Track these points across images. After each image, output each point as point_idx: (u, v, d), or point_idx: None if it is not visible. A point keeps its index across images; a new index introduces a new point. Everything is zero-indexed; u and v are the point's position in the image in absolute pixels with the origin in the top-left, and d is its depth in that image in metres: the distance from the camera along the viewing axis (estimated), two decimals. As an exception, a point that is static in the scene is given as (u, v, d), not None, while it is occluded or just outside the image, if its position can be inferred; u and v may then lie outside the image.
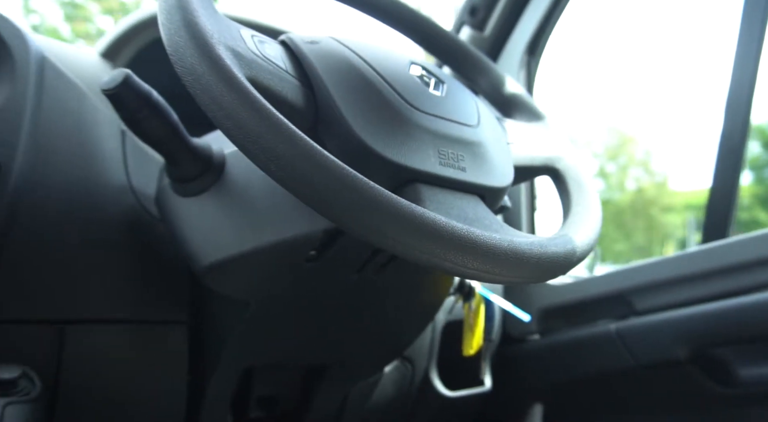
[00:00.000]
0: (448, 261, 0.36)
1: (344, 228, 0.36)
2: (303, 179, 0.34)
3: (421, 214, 0.35)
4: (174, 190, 0.52)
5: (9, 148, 0.47)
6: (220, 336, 0.58)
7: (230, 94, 0.35)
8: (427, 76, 0.50)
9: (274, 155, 0.34)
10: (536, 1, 0.96)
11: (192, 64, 0.37)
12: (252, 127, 0.35)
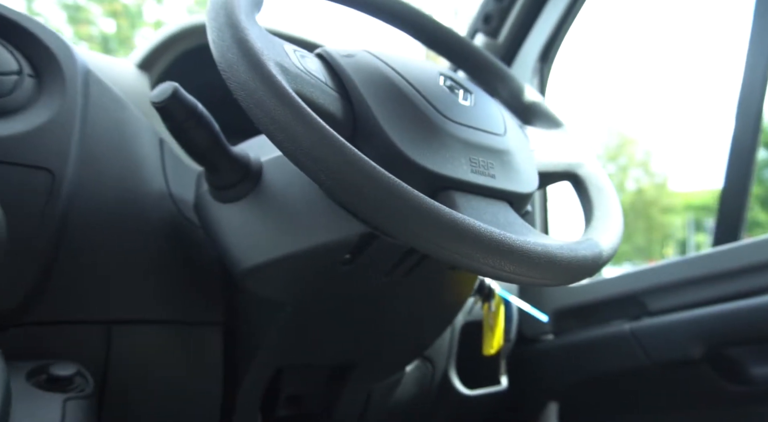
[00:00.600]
0: (486, 265, 0.38)
1: (390, 234, 0.38)
2: (352, 188, 0.36)
3: (462, 221, 0.37)
4: (213, 197, 0.54)
5: (62, 157, 0.50)
6: (254, 337, 0.60)
7: (282, 109, 0.38)
8: (455, 87, 0.53)
9: (324, 166, 0.37)
10: (549, 10, 0.98)
11: (245, 80, 0.39)
12: (303, 139, 0.37)
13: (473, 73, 0.68)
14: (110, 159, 0.55)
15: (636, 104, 18.99)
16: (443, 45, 0.67)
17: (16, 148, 0.48)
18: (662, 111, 17.93)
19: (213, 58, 0.73)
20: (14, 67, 0.51)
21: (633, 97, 19.11)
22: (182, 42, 0.68)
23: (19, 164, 0.48)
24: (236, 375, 0.62)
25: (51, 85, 0.52)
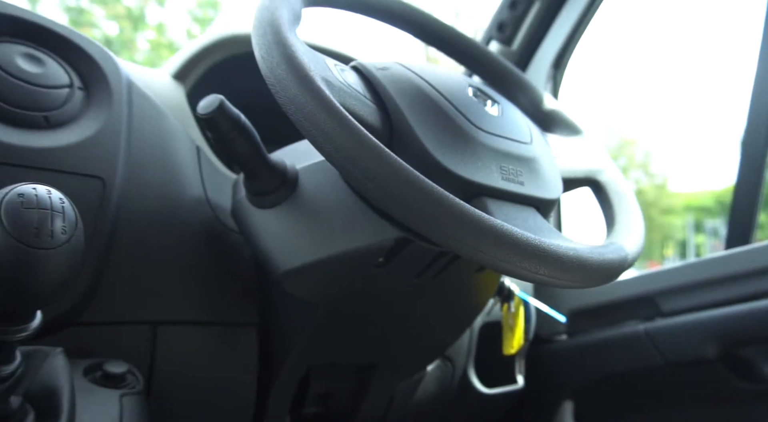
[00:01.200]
0: (523, 269, 0.41)
1: (432, 240, 0.41)
2: (398, 196, 0.39)
3: (501, 228, 0.39)
4: (251, 203, 0.57)
5: (111, 166, 0.52)
6: (288, 337, 0.62)
7: (331, 122, 0.40)
8: (483, 97, 0.55)
9: (371, 175, 0.39)
10: (562, 18, 1.01)
11: (295, 95, 0.41)
12: (351, 151, 0.40)
13: (494, 83, 0.70)
14: (153, 167, 0.57)
15: (635, 105, 19.00)
16: (466, 55, 0.69)
17: (69, 158, 0.50)
18: (662, 112, 17.95)
19: (244, 68, 0.76)
20: (66, 80, 0.53)
21: (632, 97, 19.13)
22: (215, 53, 0.71)
23: (73, 173, 0.50)
24: (269, 373, 0.65)
25: (99, 96, 0.55)
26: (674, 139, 17.55)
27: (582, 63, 5.71)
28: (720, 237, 21.11)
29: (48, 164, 0.49)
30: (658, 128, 17.84)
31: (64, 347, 0.45)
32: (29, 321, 0.35)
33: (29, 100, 0.50)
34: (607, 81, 19.03)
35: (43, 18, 0.54)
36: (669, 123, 17.19)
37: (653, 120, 18.17)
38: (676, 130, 10.60)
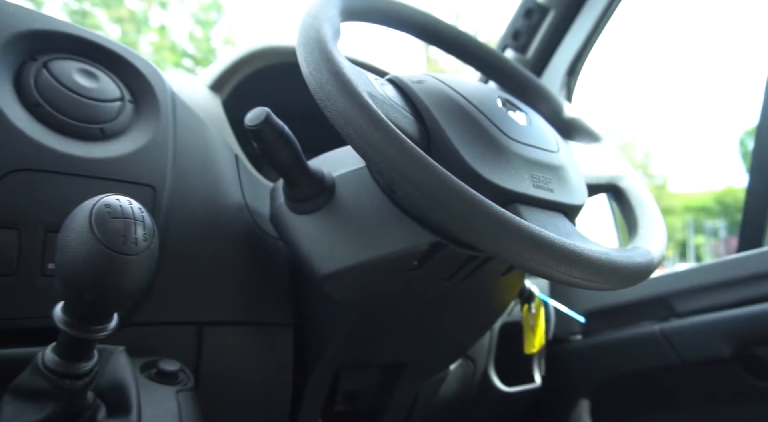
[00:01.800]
0: (559, 272, 0.43)
1: (475, 245, 0.43)
2: (443, 205, 0.42)
3: (539, 234, 0.42)
4: (291, 209, 0.60)
5: (160, 174, 0.55)
6: (323, 337, 0.65)
7: (380, 135, 0.43)
8: (511, 107, 0.58)
9: (417, 185, 0.42)
10: (576, 26, 1.04)
11: (344, 110, 0.44)
12: (399, 162, 0.42)
13: (516, 92, 0.73)
14: (197, 175, 0.60)
15: (634, 106, 19.01)
16: (489, 65, 0.72)
17: (123, 167, 0.53)
18: (661, 113, 17.97)
19: (274, 78, 0.79)
20: (117, 94, 0.56)
21: (631, 98, 19.14)
22: (248, 65, 0.73)
23: (127, 181, 0.53)
24: (304, 372, 0.67)
25: (147, 108, 0.58)
26: (673, 139, 17.54)
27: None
28: (719, 237, 21.21)
29: (104, 173, 0.51)
30: (657, 129, 17.84)
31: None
32: (108, 322, 0.38)
33: (86, 113, 0.53)
34: (605, 82, 19.05)
35: (95, 35, 0.57)
36: (668, 124, 17.18)
37: (652, 121, 18.17)
38: (676, 131, 10.55)
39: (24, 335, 0.47)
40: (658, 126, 17.36)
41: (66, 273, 0.34)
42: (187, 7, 13.19)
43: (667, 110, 17.54)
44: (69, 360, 0.38)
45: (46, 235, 0.48)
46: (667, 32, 18.31)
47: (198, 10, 11.87)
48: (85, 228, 0.34)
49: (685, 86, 14.10)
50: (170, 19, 13.05)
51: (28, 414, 0.38)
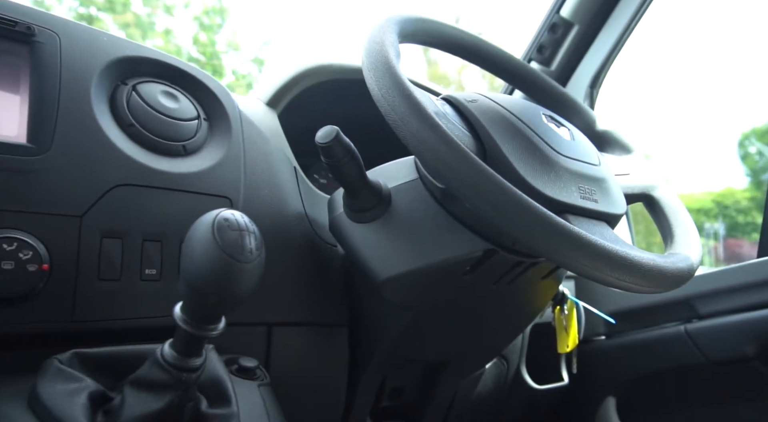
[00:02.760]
0: (612, 277, 0.48)
1: (538, 253, 0.48)
2: (510, 217, 0.46)
3: (596, 242, 0.47)
4: (350, 218, 0.64)
5: (235, 187, 0.60)
6: (376, 336, 0.70)
7: (451, 153, 0.47)
8: (555, 123, 0.63)
9: (489, 199, 0.47)
10: (599, 41, 1.09)
11: (417, 131, 0.49)
12: (470, 179, 0.47)
13: (551, 107, 0.78)
14: (264, 187, 0.65)
15: (633, 107, 19.02)
16: (527, 82, 0.77)
17: (204, 181, 0.58)
18: (659, 113, 17.95)
19: (322, 94, 0.84)
20: (194, 113, 0.61)
21: (629, 100, 19.13)
22: (300, 83, 0.79)
23: (207, 194, 0.58)
24: (357, 369, 0.72)
25: (220, 126, 0.63)
26: (672, 140, 17.51)
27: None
28: (719, 239, 21.31)
29: (189, 187, 0.56)
30: (654, 129, 17.81)
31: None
32: (219, 323, 0.43)
33: (171, 131, 0.58)
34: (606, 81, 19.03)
35: (174, 59, 0.62)
36: (666, 124, 17.15)
37: (649, 121, 18.18)
38: (674, 132, 10.60)
39: (125, 334, 0.52)
40: (655, 126, 17.39)
41: (192, 277, 0.39)
42: (191, 11, 13.29)
43: (666, 110, 17.55)
44: (185, 354, 0.43)
45: (143, 244, 0.52)
46: (665, 32, 18.33)
47: (202, 15, 11.98)
48: (209, 239, 0.39)
49: (684, 86, 14.16)
50: (175, 23, 13.15)
51: (149, 404, 0.42)
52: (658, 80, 5.00)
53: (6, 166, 0.46)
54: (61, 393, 0.42)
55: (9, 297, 0.44)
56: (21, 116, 0.49)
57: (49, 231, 0.47)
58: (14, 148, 0.47)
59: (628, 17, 1.04)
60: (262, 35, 14.36)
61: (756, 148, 5.41)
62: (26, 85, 0.50)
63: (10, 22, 0.50)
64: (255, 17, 10.63)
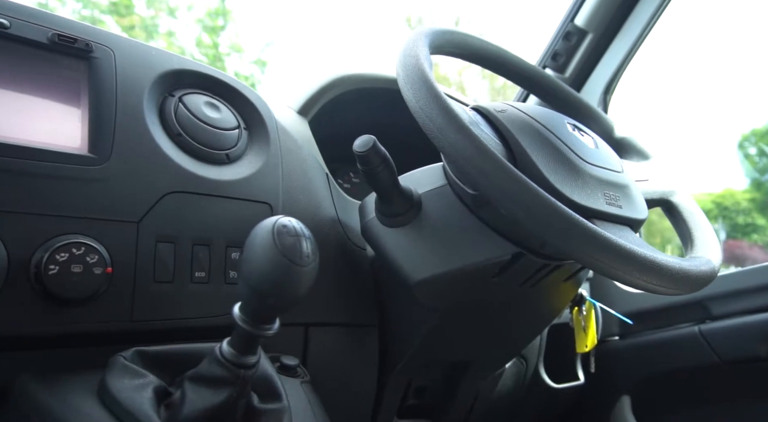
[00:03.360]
0: (640, 280, 0.50)
1: (570, 256, 0.51)
2: (544, 222, 0.49)
3: (625, 246, 0.49)
4: (383, 223, 0.67)
5: (275, 193, 0.63)
6: (405, 337, 0.72)
7: (488, 162, 0.50)
8: (579, 132, 0.66)
9: (522, 205, 0.49)
10: (613, 50, 1.11)
11: (455, 141, 0.51)
12: (507, 186, 0.49)
13: (570, 114, 0.81)
14: (300, 193, 0.68)
15: (632, 108, 19.01)
16: (547, 91, 0.80)
17: (246, 187, 0.61)
18: (658, 114, 17.95)
19: (348, 102, 0.87)
20: (235, 123, 0.64)
21: (628, 101, 19.13)
22: (331, 91, 0.82)
23: (249, 200, 0.61)
24: (386, 368, 0.75)
25: (258, 135, 0.66)
26: (671, 141, 17.51)
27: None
28: (719, 241, 21.44)
29: (233, 193, 0.59)
30: (654, 130, 17.81)
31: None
32: (275, 323, 0.46)
33: (215, 140, 0.61)
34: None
35: (216, 71, 0.65)
36: (666, 125, 17.14)
37: (650, 122, 18.19)
38: (673, 133, 10.62)
39: (176, 333, 0.54)
40: (654, 126, 17.39)
41: (254, 280, 0.42)
42: (194, 13, 13.34)
43: (665, 111, 17.56)
44: (242, 352, 0.46)
45: (192, 248, 0.55)
46: (663, 32, 18.35)
47: (205, 17, 12.03)
48: (270, 244, 0.42)
49: (683, 87, 14.20)
50: (178, 26, 13.18)
51: (209, 398, 0.45)
52: (658, 81, 5.01)
53: (71, 175, 0.49)
54: (129, 388, 0.45)
55: (77, 298, 0.47)
56: (82, 128, 0.51)
57: (110, 236, 0.50)
58: (78, 158, 0.50)
59: (642, 25, 1.07)
60: (265, 37, 14.39)
61: (755, 149, 5.43)
62: (85, 99, 0.53)
63: (70, 40, 0.53)
64: (257, 19, 10.65)
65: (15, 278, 0.45)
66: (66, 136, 0.50)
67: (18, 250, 0.45)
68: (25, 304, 0.45)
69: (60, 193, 0.48)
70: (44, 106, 0.50)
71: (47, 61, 0.52)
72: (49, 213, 0.47)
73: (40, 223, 0.46)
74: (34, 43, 0.51)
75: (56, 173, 0.48)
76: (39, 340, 0.47)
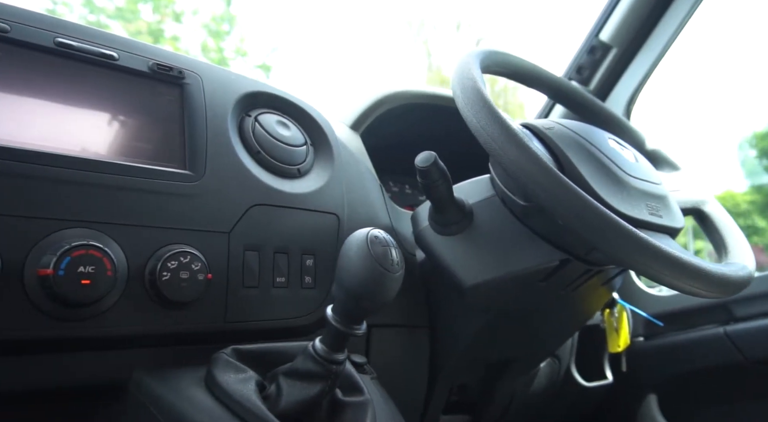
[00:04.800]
0: (686, 284, 0.55)
1: (622, 263, 0.56)
2: (600, 232, 0.54)
3: (674, 254, 0.54)
4: (437, 232, 0.72)
5: (341, 204, 0.68)
6: (456, 337, 0.78)
7: (548, 177, 0.55)
8: (620, 146, 0.71)
9: (580, 217, 0.54)
10: (636, 63, 1.17)
11: (517, 158, 0.56)
12: (566, 200, 0.54)
13: (602, 127, 0.86)
14: (360, 204, 0.73)
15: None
16: (583, 107, 0.85)
17: (316, 199, 0.66)
18: (658, 115, 17.94)
19: (393, 116, 0.92)
20: (302, 140, 0.69)
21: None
22: (380, 107, 0.87)
23: (320, 211, 0.66)
24: (436, 367, 0.80)
25: (323, 150, 0.71)
26: (670, 142, 17.42)
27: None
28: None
29: (306, 205, 0.65)
30: (654, 131, 17.76)
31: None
32: (363, 324, 0.51)
33: (288, 156, 0.66)
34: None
35: (284, 92, 0.70)
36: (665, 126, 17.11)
37: (649, 123, 18.16)
38: (673, 133, 10.52)
39: (259, 334, 0.60)
40: (654, 127, 17.31)
41: (351, 284, 0.47)
42: (200, 18, 13.43)
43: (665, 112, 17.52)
44: (333, 349, 0.51)
45: (273, 256, 0.61)
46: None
47: (210, 21, 12.12)
48: (366, 253, 0.47)
49: (682, 88, 14.08)
50: (183, 31, 13.27)
51: (304, 391, 0.50)
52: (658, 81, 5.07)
53: (174, 191, 0.54)
54: (235, 381, 0.50)
55: (184, 301, 0.52)
56: (180, 148, 0.57)
57: (207, 245, 0.55)
58: (179, 176, 0.55)
59: (665, 40, 1.12)
60: (270, 42, 14.44)
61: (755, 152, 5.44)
62: (180, 121, 0.58)
63: (167, 67, 0.58)
64: (262, 24, 10.74)
65: (132, 284, 0.50)
66: (167, 155, 0.56)
67: (135, 259, 0.50)
68: (141, 307, 0.50)
69: (166, 207, 0.53)
70: (146, 128, 0.56)
71: (147, 88, 0.57)
72: (158, 225, 0.52)
73: (152, 234, 0.52)
74: (137, 72, 0.57)
75: (163, 189, 0.53)
76: (150, 339, 0.52)
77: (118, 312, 0.49)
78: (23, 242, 0.45)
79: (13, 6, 0.52)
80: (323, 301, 0.64)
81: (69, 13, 8.59)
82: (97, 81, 0.54)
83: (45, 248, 0.46)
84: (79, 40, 0.54)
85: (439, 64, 11.53)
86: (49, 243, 0.46)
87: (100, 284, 0.47)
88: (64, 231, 0.47)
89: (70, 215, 0.48)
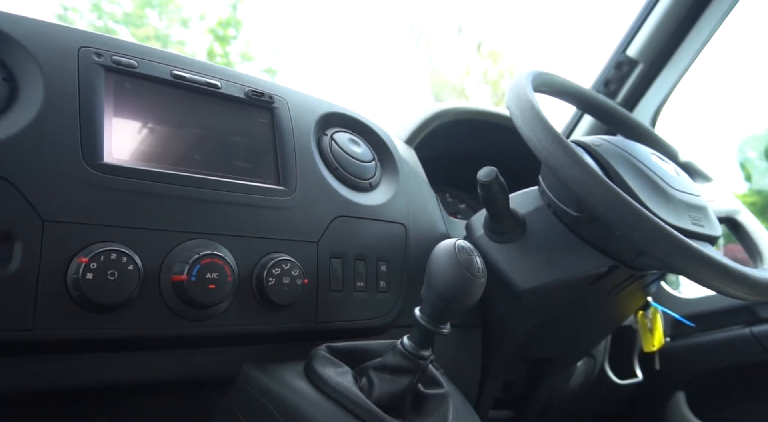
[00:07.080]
0: (732, 289, 0.60)
1: (676, 270, 0.62)
2: (656, 242, 0.59)
3: (725, 263, 0.59)
4: (491, 239, 0.78)
5: (407, 215, 0.75)
6: (507, 337, 0.84)
7: (607, 192, 0.60)
8: (662, 161, 0.77)
9: (639, 230, 0.59)
10: (662, 78, 1.23)
11: (578, 175, 0.61)
12: (627, 215, 0.59)
13: (637, 141, 0.92)
14: (422, 214, 0.79)
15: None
16: (620, 122, 0.92)
17: (386, 211, 0.72)
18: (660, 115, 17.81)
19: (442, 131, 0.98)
20: (371, 156, 0.76)
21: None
22: (432, 123, 0.94)
23: (389, 221, 0.72)
24: (487, 364, 0.86)
25: (388, 165, 0.77)
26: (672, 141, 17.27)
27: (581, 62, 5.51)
28: (719, 245, 21.44)
29: (378, 216, 0.71)
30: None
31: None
32: (447, 323, 0.57)
33: (361, 172, 0.72)
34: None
35: (353, 112, 0.77)
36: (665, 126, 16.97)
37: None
38: (672, 134, 10.42)
39: (343, 333, 0.66)
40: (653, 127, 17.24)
41: (441, 288, 0.53)
42: (206, 23, 13.54)
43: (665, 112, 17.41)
44: (421, 346, 0.57)
45: (354, 262, 0.67)
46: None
47: (216, 26, 12.23)
48: (455, 260, 0.53)
49: (682, 89, 13.87)
50: (190, 35, 13.38)
51: (395, 384, 0.57)
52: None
53: (272, 205, 0.61)
54: (334, 374, 0.56)
55: (284, 304, 0.58)
56: (273, 166, 0.63)
57: (301, 254, 0.61)
58: (276, 191, 0.61)
59: (690, 55, 1.18)
60: (275, 46, 14.52)
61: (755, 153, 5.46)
62: (272, 141, 0.64)
63: (260, 93, 0.65)
64: (268, 28, 10.82)
65: (242, 288, 0.56)
66: (263, 172, 0.62)
67: (244, 265, 0.57)
68: (250, 309, 0.57)
69: (266, 219, 0.60)
70: (244, 148, 0.62)
71: (244, 112, 0.64)
72: (260, 235, 0.59)
73: (256, 244, 0.58)
74: (236, 98, 0.63)
75: (263, 204, 0.60)
76: (256, 337, 0.59)
77: (231, 313, 0.56)
78: (158, 252, 0.52)
79: (136, 43, 0.59)
80: (395, 304, 0.71)
81: (79, 19, 8.68)
82: (204, 107, 0.61)
83: (176, 257, 0.52)
84: (190, 72, 0.60)
85: (440, 66, 11.58)
86: (178, 253, 0.53)
87: (222, 288, 0.53)
88: (187, 242, 0.54)
89: (191, 227, 0.54)
